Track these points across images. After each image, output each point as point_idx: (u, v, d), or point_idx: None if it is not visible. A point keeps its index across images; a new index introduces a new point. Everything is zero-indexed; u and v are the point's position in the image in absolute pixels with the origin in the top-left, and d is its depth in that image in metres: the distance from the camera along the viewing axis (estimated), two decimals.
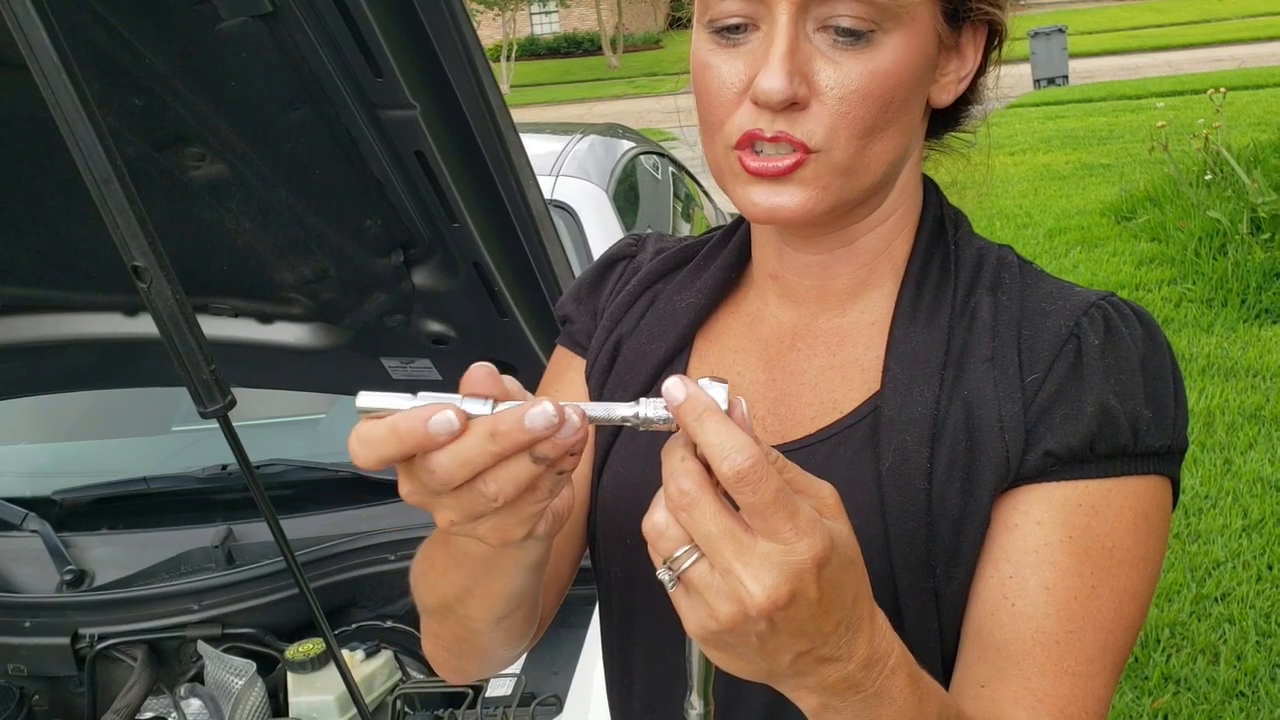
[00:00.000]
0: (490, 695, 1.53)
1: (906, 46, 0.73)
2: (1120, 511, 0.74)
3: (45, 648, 1.74)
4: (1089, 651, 0.72)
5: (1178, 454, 0.77)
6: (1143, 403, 0.75)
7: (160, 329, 1.12)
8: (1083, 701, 0.72)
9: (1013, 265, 0.82)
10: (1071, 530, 0.73)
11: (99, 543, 1.90)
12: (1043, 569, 0.73)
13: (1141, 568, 0.75)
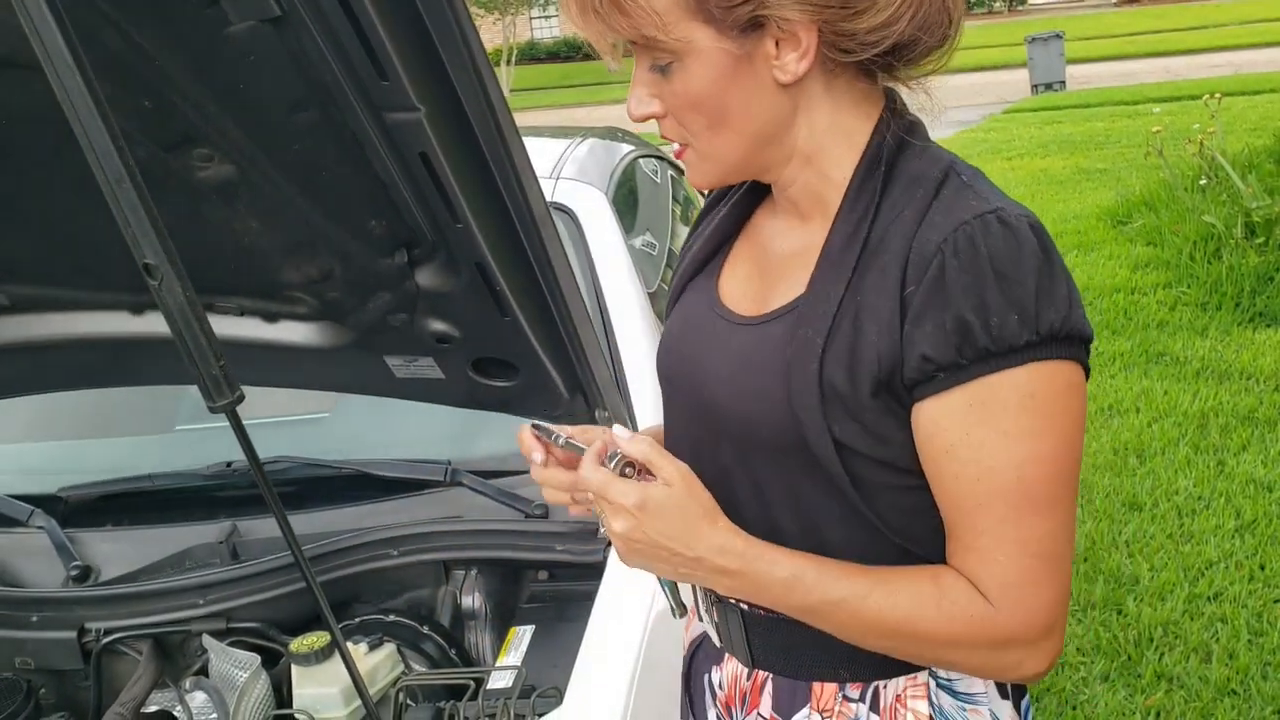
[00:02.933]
0: (491, 687, 1.55)
1: (700, 67, 0.96)
2: (1004, 401, 0.92)
3: (52, 642, 1.77)
4: (998, 514, 0.94)
5: (1053, 340, 0.92)
6: (999, 309, 0.90)
7: (170, 326, 1.16)
8: (997, 550, 0.95)
9: (931, 181, 0.97)
10: (967, 427, 0.93)
11: (104, 539, 1.93)
12: (952, 463, 0.95)
13: (1037, 439, 0.93)
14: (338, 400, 2.34)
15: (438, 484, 1.93)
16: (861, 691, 1.07)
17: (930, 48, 1.00)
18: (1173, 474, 3.84)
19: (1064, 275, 0.94)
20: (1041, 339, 0.91)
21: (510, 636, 1.71)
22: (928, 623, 0.97)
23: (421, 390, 1.86)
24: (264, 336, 1.73)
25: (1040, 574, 0.95)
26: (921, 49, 0.99)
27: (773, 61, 0.97)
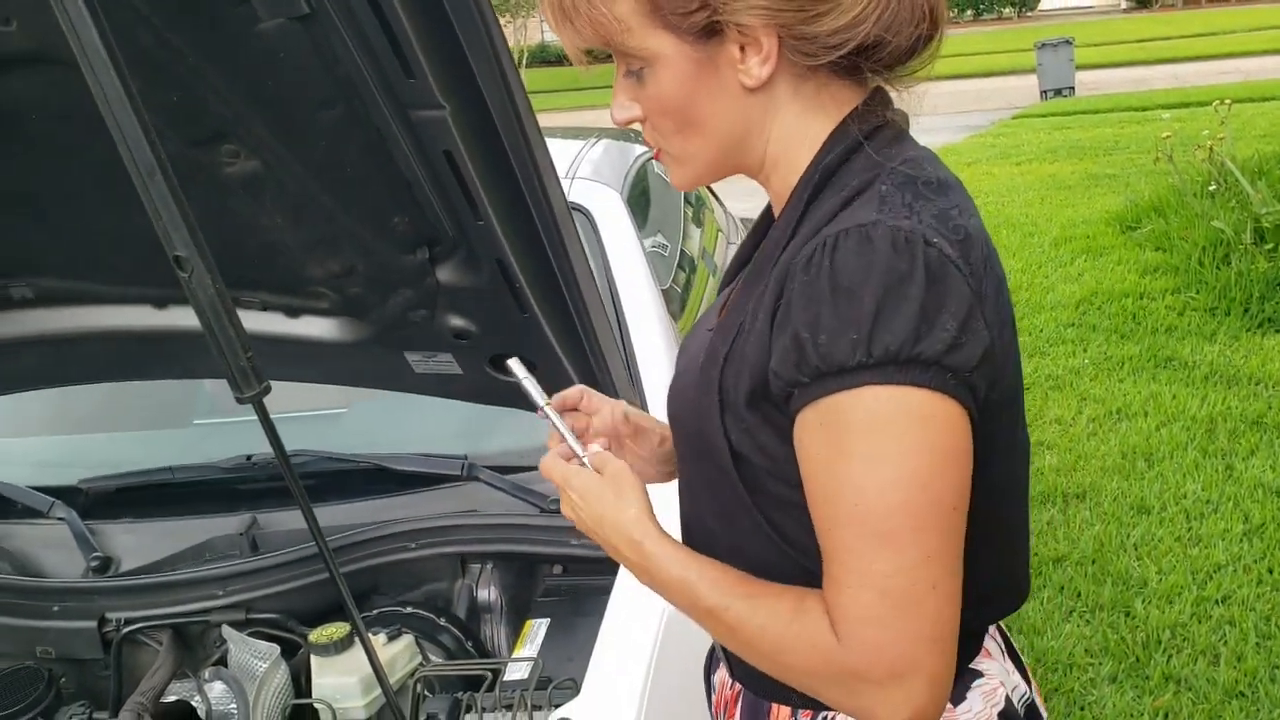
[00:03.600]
0: (508, 679, 1.57)
1: (668, 72, 0.98)
2: (846, 423, 0.89)
3: (72, 631, 1.79)
4: (845, 541, 0.90)
5: (891, 364, 0.86)
6: (830, 327, 0.87)
7: (200, 317, 1.18)
8: (845, 579, 0.90)
9: (851, 190, 0.95)
10: (817, 447, 0.91)
11: (124, 530, 1.95)
12: (809, 482, 0.93)
13: (876, 466, 0.88)
14: (354, 396, 2.36)
15: (454, 479, 1.95)
16: (811, 718, 1.06)
17: (901, 49, 0.98)
18: (1181, 478, 3.85)
19: (923, 298, 0.87)
20: (876, 362, 0.86)
21: (526, 629, 1.72)
22: (780, 645, 0.95)
23: (439, 386, 1.88)
24: (286, 331, 1.75)
25: (884, 613, 0.88)
26: (891, 51, 0.98)
27: (737, 66, 0.98)
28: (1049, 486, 3.94)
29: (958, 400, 0.89)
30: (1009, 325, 0.97)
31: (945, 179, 0.99)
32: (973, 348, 0.89)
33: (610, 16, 0.97)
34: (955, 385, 0.88)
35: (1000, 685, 1.08)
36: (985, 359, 0.90)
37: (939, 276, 0.88)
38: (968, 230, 0.92)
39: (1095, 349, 5.18)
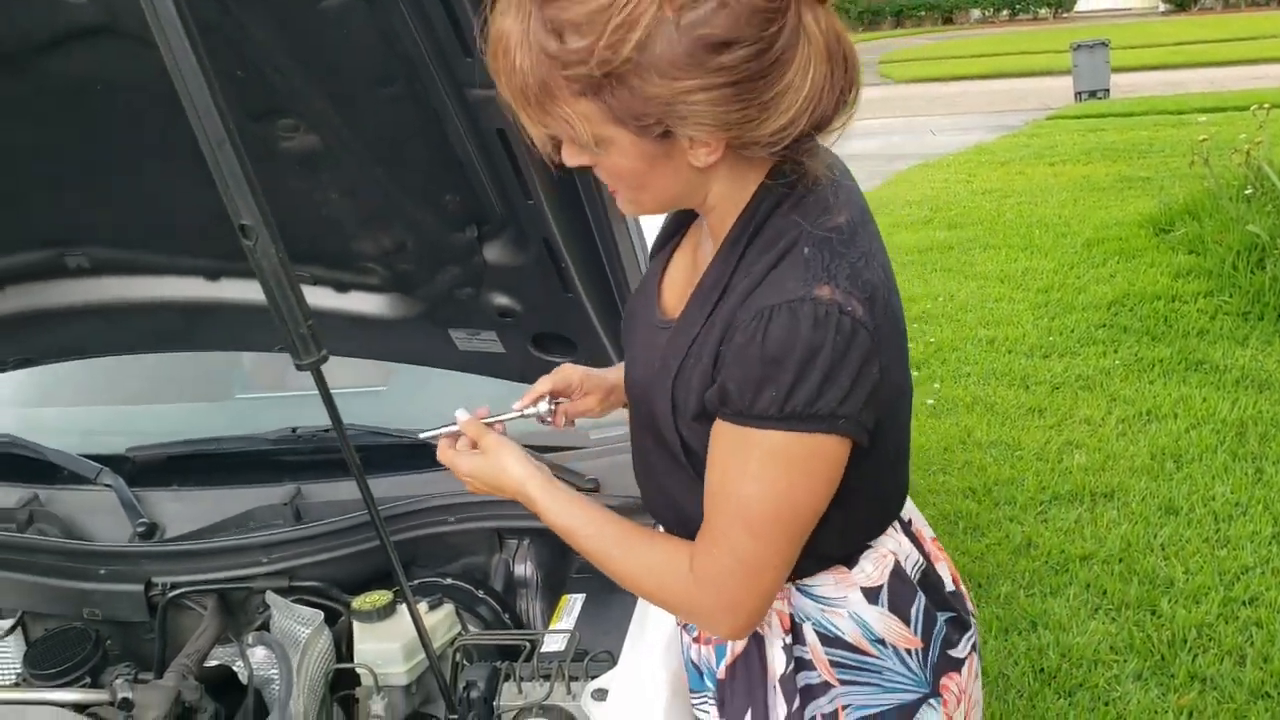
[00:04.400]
0: (545, 650, 1.60)
1: (623, 155, 1.10)
2: (752, 449, 1.13)
3: (119, 594, 1.83)
4: (723, 520, 1.17)
5: (800, 418, 1.10)
6: (758, 386, 1.09)
7: (263, 284, 1.21)
8: (707, 553, 1.19)
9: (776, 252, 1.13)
10: (726, 453, 1.16)
11: (171, 498, 1.99)
12: (711, 470, 1.18)
13: (766, 484, 1.14)
14: (392, 374, 2.40)
15: None
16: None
17: (825, 130, 1.12)
18: (1210, 480, 3.84)
19: (829, 366, 1.08)
20: (785, 416, 1.10)
21: (562, 604, 1.75)
22: (646, 580, 1.27)
23: (482, 364, 1.91)
24: (334, 306, 1.79)
25: (735, 574, 1.18)
26: (818, 133, 1.12)
27: (687, 153, 1.10)
28: (1076, 485, 3.94)
29: (845, 435, 1.13)
30: (899, 333, 1.18)
31: (853, 220, 1.16)
32: (861, 391, 1.11)
33: (570, 113, 1.06)
34: (844, 425, 1.12)
35: (890, 553, 1.35)
36: (874, 392, 1.12)
37: (847, 343, 1.09)
38: (873, 283, 1.12)
39: (1126, 350, 5.17)
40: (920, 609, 1.36)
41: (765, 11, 1.01)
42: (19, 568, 1.88)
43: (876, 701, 1.35)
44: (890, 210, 8.87)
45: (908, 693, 1.35)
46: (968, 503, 3.91)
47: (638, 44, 1.00)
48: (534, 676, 1.56)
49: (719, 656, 1.40)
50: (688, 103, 1.03)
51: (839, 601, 1.32)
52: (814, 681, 1.34)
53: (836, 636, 1.33)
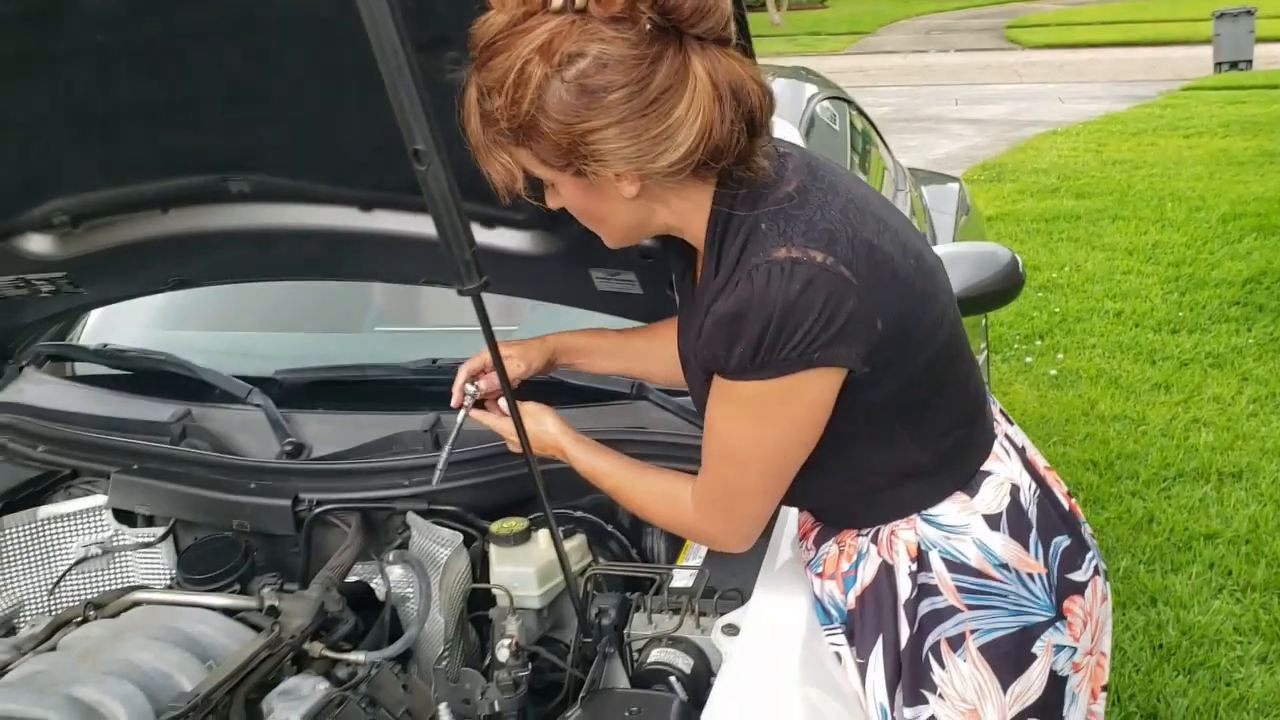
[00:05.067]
0: (674, 585, 1.63)
1: (566, 190, 1.31)
2: (735, 397, 1.31)
3: (268, 508, 1.91)
4: (713, 455, 1.40)
5: (772, 365, 1.25)
6: (728, 345, 1.26)
7: (431, 210, 1.24)
8: (706, 475, 1.43)
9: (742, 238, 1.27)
10: (716, 400, 1.35)
11: (316, 420, 2.06)
12: (707, 414, 1.38)
13: (745, 428, 1.34)
14: (525, 317, 2.45)
15: (624, 396, 2.00)
16: (868, 531, 1.49)
17: (741, 150, 1.23)
18: None
19: (790, 310, 1.22)
20: (757, 366, 1.26)
21: (688, 544, 1.78)
22: (653, 507, 1.54)
23: (619, 305, 1.93)
24: (481, 241, 1.82)
25: (722, 498, 1.42)
26: (729, 155, 1.23)
27: (613, 185, 1.26)
28: (1203, 463, 3.83)
29: (822, 367, 1.26)
30: (885, 260, 1.27)
31: (802, 183, 1.29)
32: (832, 327, 1.23)
33: (513, 161, 1.29)
34: (819, 359, 1.25)
35: (1007, 479, 1.47)
36: (851, 323, 1.24)
37: (805, 287, 1.22)
38: (830, 228, 1.25)
39: (1261, 329, 4.99)
40: (1039, 534, 1.45)
41: (634, 59, 1.16)
42: (173, 478, 1.98)
43: (1002, 624, 1.44)
44: (1016, 177, 8.66)
45: (1033, 616, 1.44)
46: (1089, 475, 3.83)
47: (533, 100, 1.19)
48: (663, 610, 1.59)
49: (848, 588, 1.49)
50: (589, 143, 1.20)
51: (963, 529, 1.43)
52: (940, 606, 1.43)
53: (962, 562, 1.43)
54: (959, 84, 15.34)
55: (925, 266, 1.36)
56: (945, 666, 1.44)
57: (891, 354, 1.30)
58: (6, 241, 2.02)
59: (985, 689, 1.44)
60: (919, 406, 1.38)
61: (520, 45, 1.19)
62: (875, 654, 1.47)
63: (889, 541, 1.46)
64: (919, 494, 1.44)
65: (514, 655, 1.60)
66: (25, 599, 1.97)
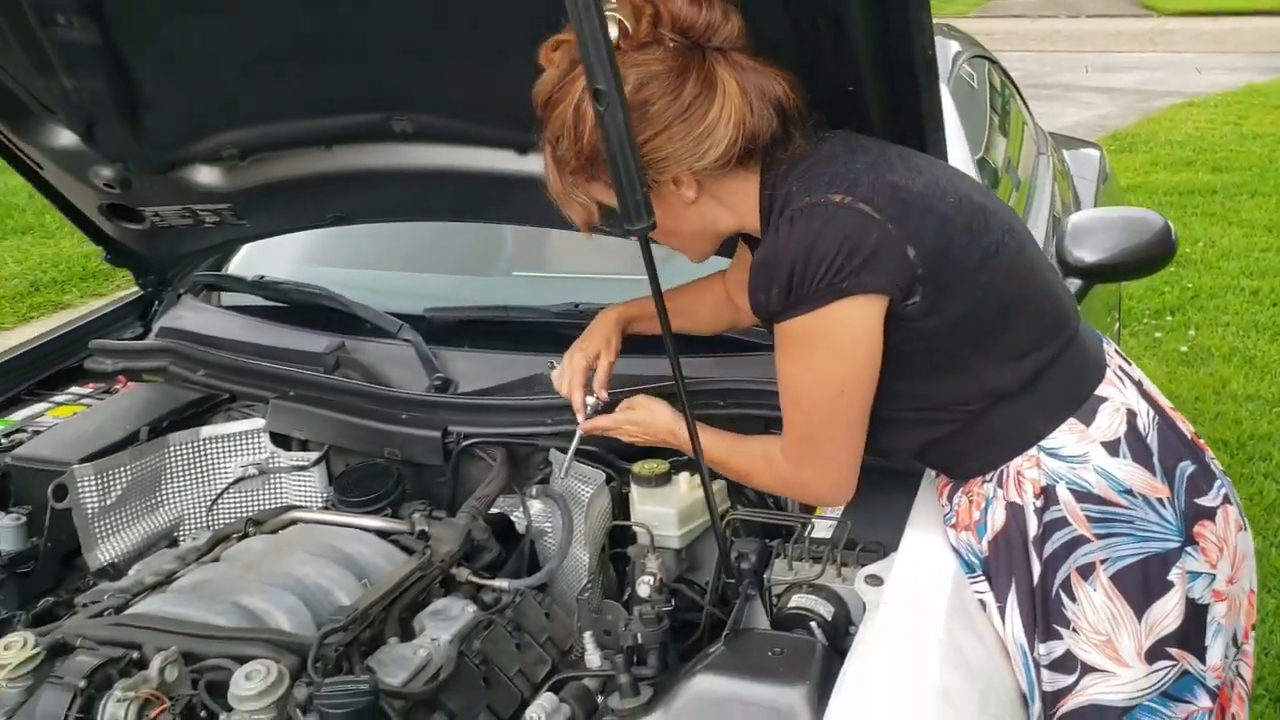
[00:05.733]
0: (815, 535, 1.64)
1: None
2: (783, 338, 1.43)
3: (418, 438, 1.98)
4: (785, 405, 1.49)
5: (808, 299, 1.36)
6: (767, 290, 1.39)
7: (606, 148, 1.27)
8: (784, 437, 1.53)
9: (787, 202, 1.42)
10: (776, 351, 1.46)
11: (463, 357, 2.12)
12: (776, 369, 1.48)
13: (798, 366, 1.45)
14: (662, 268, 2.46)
15: (762, 348, 2.01)
16: (991, 476, 1.52)
17: (775, 134, 1.42)
18: None
19: (816, 245, 1.34)
20: (794, 302, 1.37)
21: None
22: (754, 470, 1.62)
23: None
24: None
25: (805, 451, 1.50)
26: (765, 139, 1.42)
27: (677, 194, 1.45)
28: None
29: (858, 295, 1.36)
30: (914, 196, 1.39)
31: (836, 151, 1.44)
32: (859, 256, 1.34)
33: (588, 198, 1.48)
34: (849, 288, 1.35)
35: (1122, 405, 1.50)
36: (881, 252, 1.34)
37: (827, 223, 1.35)
38: (852, 176, 1.38)
39: None
40: (1161, 459, 1.49)
41: (665, 73, 1.36)
42: (330, 406, 2.06)
43: (1131, 551, 1.46)
44: (1149, 149, 8.37)
45: (1163, 542, 1.46)
46: (1219, 454, 3.73)
47: (592, 131, 1.36)
48: (804, 557, 1.61)
49: (980, 535, 1.53)
50: (646, 154, 1.37)
51: (1083, 458, 1.47)
52: (1069, 538, 1.46)
53: (1087, 491, 1.46)
54: (1089, 51, 14.81)
55: (972, 205, 1.44)
56: (1076, 599, 1.46)
57: (940, 281, 1.38)
58: (177, 172, 2.12)
59: (1119, 618, 1.45)
60: (986, 331, 1.44)
61: (573, 90, 1.38)
62: (1010, 596, 1.50)
63: (1015, 481, 1.50)
64: (1018, 421, 1.48)
65: (657, 591, 1.64)
66: (185, 514, 2.07)
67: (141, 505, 2.00)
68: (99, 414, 2.14)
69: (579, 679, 1.51)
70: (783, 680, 1.37)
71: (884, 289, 1.36)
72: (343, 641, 1.51)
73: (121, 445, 2.01)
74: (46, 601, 1.79)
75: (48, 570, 1.92)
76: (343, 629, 1.51)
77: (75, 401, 2.26)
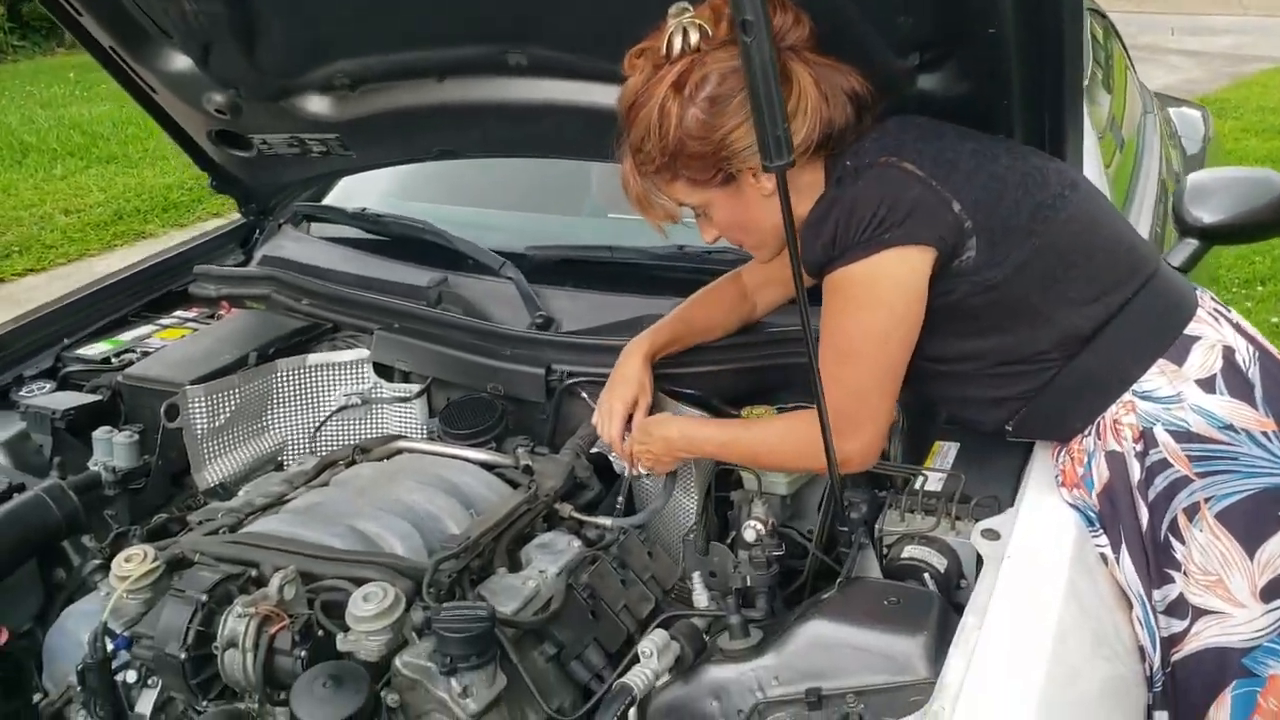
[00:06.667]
0: (927, 488, 1.62)
1: (719, 209, 1.56)
2: (830, 290, 1.49)
3: (521, 374, 1.98)
4: (824, 367, 1.43)
5: (855, 247, 1.43)
6: (835, 238, 1.45)
7: (749, 81, 1.25)
8: (830, 387, 1.43)
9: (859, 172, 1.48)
10: (822, 310, 1.50)
11: (565, 296, 2.11)
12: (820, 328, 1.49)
13: (842, 317, 1.48)
14: None
15: None
16: (1090, 430, 1.52)
17: (850, 125, 1.50)
18: None
19: (861, 199, 1.43)
20: (840, 251, 1.44)
21: (935, 449, 1.76)
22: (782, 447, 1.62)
23: None
24: None
25: (846, 408, 1.45)
26: (841, 128, 1.49)
27: (754, 186, 1.51)
28: None
29: (903, 245, 1.42)
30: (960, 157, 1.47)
31: (889, 127, 1.52)
32: (903, 208, 1.41)
33: (670, 199, 1.56)
34: (893, 239, 1.41)
35: (1218, 342, 1.50)
36: (923, 204, 1.42)
37: (866, 183, 1.44)
38: (897, 143, 1.47)
39: None
40: (1265, 392, 1.48)
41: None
42: (433, 340, 2.07)
43: (1237, 488, 1.44)
44: (1239, 114, 8.13)
45: (1272, 476, 1.44)
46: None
47: (676, 128, 1.45)
48: (916, 509, 1.59)
49: (1089, 489, 1.52)
50: (729, 144, 1.45)
51: (1178, 398, 1.47)
52: (1172, 479, 1.46)
53: (1185, 431, 1.46)
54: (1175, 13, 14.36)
55: (1028, 164, 1.51)
56: (1184, 541, 1.45)
57: (992, 235, 1.44)
58: (288, 100, 2.12)
59: (1229, 558, 1.44)
60: (1051, 276, 1.47)
61: (656, 93, 1.46)
62: (1123, 546, 1.49)
63: (1112, 429, 1.50)
64: (1104, 367, 1.49)
65: (769, 535, 1.63)
66: (289, 439, 2.10)
67: (248, 428, 2.03)
68: (207, 337, 2.17)
69: (688, 617, 1.50)
70: (900, 630, 1.36)
71: (927, 241, 1.42)
72: (455, 569, 1.52)
73: (230, 369, 2.03)
74: (160, 518, 1.82)
75: (158, 487, 1.95)
76: (455, 556, 1.53)
77: (181, 325, 2.29)
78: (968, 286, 1.46)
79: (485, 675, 1.38)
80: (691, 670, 1.44)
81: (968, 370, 1.56)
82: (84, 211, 6.36)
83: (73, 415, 1.98)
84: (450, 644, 1.36)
